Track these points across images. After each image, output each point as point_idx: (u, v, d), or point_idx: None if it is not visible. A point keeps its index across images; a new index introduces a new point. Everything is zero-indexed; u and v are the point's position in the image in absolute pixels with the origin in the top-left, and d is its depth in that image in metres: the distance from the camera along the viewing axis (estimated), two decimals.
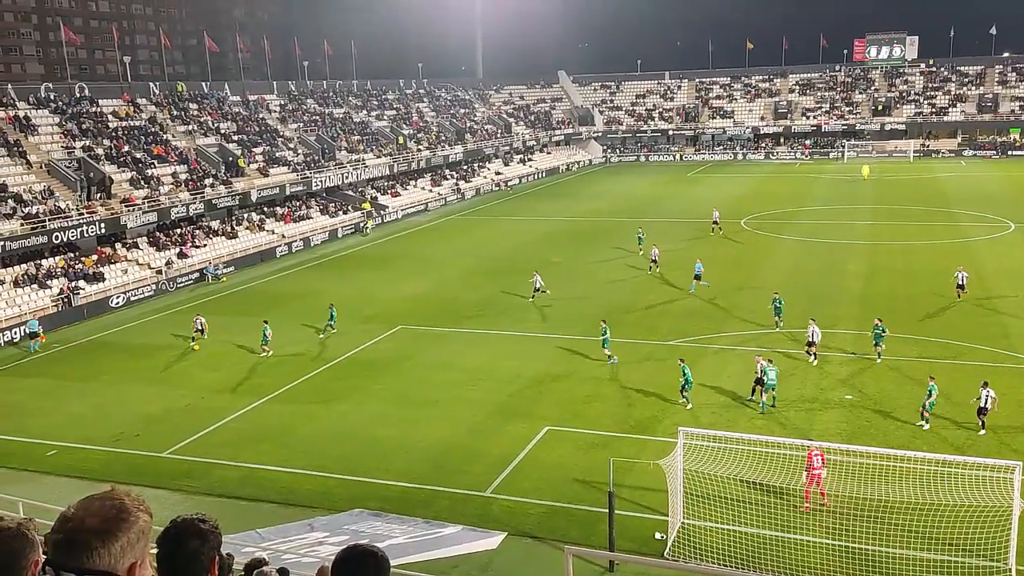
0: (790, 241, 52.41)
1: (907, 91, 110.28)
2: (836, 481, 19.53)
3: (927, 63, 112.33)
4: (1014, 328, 32.49)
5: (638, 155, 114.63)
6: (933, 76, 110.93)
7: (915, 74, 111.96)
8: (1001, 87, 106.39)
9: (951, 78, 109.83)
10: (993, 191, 70.29)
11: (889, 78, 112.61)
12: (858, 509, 18.84)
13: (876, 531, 18.12)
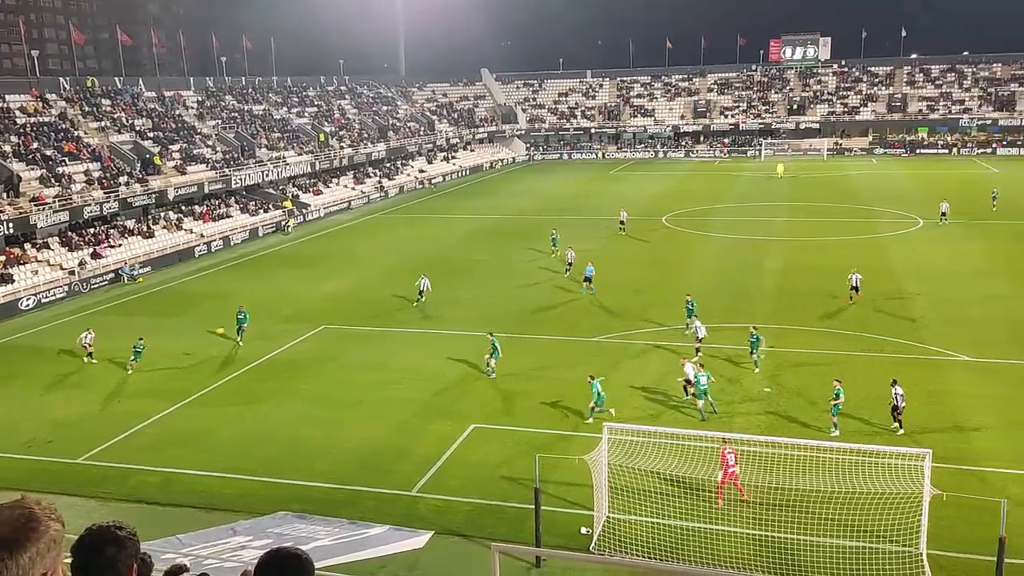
0: (709, 238, 53.49)
1: (820, 91, 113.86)
2: (756, 472, 19.96)
3: (839, 64, 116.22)
4: (923, 320, 33.80)
5: (561, 153, 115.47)
6: (845, 76, 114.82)
7: (828, 74, 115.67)
8: (910, 87, 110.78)
9: (862, 78, 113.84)
10: (903, 188, 73.10)
11: (803, 78, 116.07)
12: (776, 499, 19.28)
13: (794, 520, 18.56)
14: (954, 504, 18.06)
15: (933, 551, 17.09)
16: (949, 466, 20.44)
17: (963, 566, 16.88)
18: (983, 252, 46.31)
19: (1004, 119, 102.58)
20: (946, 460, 20.66)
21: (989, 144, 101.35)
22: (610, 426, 19.48)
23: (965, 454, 21.85)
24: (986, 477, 20.57)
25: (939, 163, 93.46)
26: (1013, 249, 46.84)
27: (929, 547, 17.08)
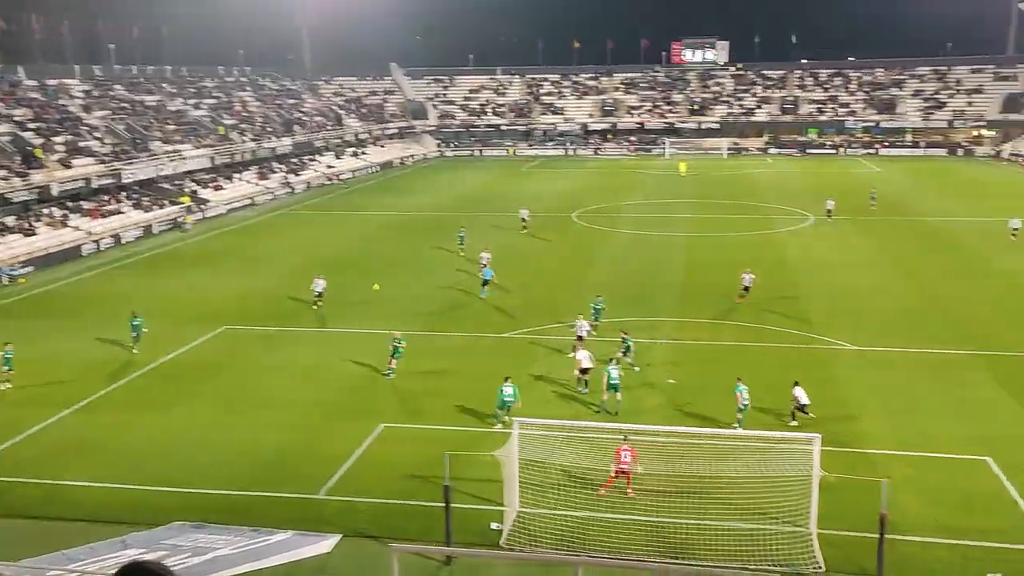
0: (618, 234, 54.60)
1: (719, 92, 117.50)
2: (658, 461, 20.60)
3: (736, 67, 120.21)
4: (814, 313, 35.41)
5: (472, 150, 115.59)
6: (742, 79, 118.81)
7: (726, 77, 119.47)
8: (800, 90, 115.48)
9: (757, 81, 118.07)
10: (795, 186, 76.22)
11: (703, 80, 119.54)
12: (678, 487, 19.99)
13: (694, 506, 19.31)
14: (841, 485, 19.11)
15: (822, 530, 18.04)
16: (837, 449, 21.55)
17: (849, 543, 17.86)
18: (866, 247, 48.82)
19: (886, 121, 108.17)
20: (834, 444, 21.75)
21: (872, 145, 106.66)
22: (521, 421, 19.77)
23: (851, 438, 23.09)
24: (870, 459, 21.81)
25: (828, 162, 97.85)
26: (893, 243, 49.52)
27: (819, 527, 18.02)
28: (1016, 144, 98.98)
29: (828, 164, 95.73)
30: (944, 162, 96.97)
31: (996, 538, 18.09)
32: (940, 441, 22.83)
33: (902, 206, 63.13)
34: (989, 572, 16.81)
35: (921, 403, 25.43)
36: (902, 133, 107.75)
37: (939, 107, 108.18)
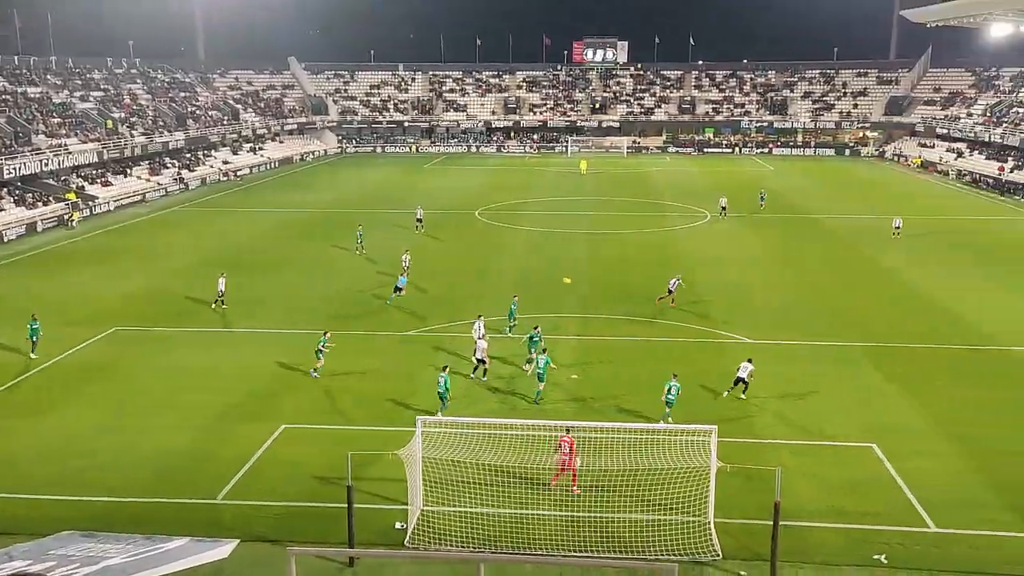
0: (521, 231, 54.90)
1: (620, 91, 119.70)
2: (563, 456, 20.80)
3: (636, 67, 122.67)
4: (713, 308, 36.43)
5: (375, 146, 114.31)
6: (641, 79, 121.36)
7: (626, 76, 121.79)
8: (697, 91, 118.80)
9: (656, 81, 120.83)
10: (693, 184, 78.35)
11: (604, 79, 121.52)
12: (581, 481, 20.22)
13: (597, 499, 19.58)
14: (737, 475, 19.71)
15: (720, 519, 18.55)
16: (733, 440, 22.23)
17: (745, 531, 18.42)
18: (760, 243, 50.60)
19: (778, 122, 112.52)
20: (731, 435, 22.46)
21: (766, 144, 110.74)
22: (423, 419, 19.61)
23: (747, 428, 23.86)
24: (764, 448, 22.57)
25: (724, 161, 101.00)
26: (785, 240, 51.51)
27: (716, 516, 18.52)
28: (898, 145, 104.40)
29: (724, 163, 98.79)
30: (832, 161, 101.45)
31: (881, 521, 18.99)
32: (830, 430, 23.82)
33: (794, 204, 65.68)
34: (875, 554, 17.64)
35: (812, 394, 26.47)
36: (793, 133, 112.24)
37: (827, 109, 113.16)
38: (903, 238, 50.60)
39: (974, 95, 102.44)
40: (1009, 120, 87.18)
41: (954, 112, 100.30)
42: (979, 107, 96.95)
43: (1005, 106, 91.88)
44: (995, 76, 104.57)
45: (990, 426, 24.19)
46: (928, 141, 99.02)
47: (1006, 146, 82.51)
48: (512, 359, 29.27)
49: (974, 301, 37.24)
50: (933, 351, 30.58)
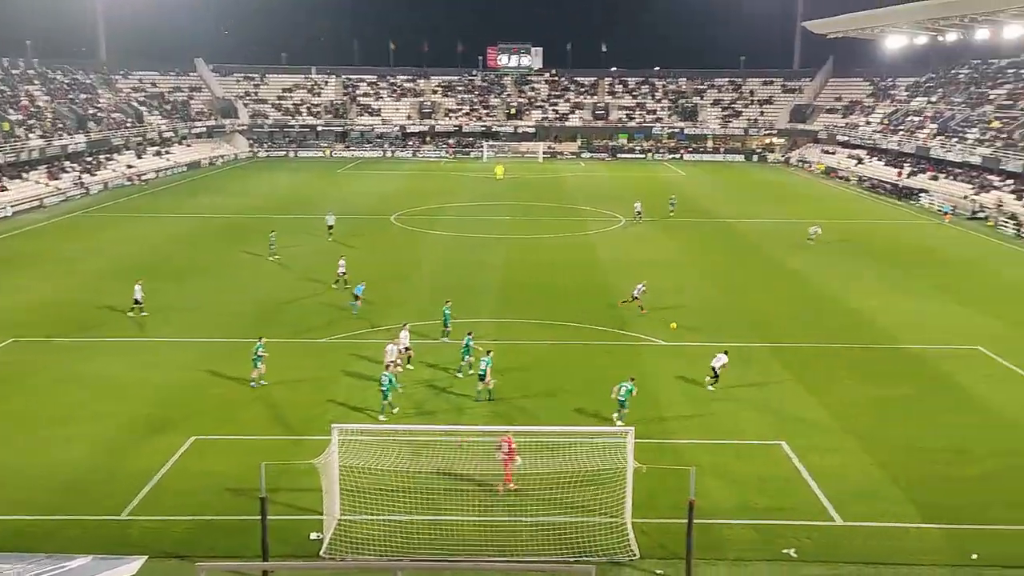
0: (437, 236, 54.68)
1: (535, 97, 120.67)
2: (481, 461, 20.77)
3: (550, 73, 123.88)
4: (626, 311, 36.98)
5: (287, 151, 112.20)
6: (555, 85, 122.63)
7: (541, 82, 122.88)
8: (611, 97, 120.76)
9: (570, 87, 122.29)
10: (607, 189, 79.52)
11: (519, 85, 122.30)
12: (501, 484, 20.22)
13: (517, 503, 19.60)
14: (653, 475, 20.01)
15: (637, 519, 18.80)
16: (649, 441, 22.58)
17: (662, 530, 18.73)
18: (672, 247, 51.68)
19: (689, 128, 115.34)
20: (647, 436, 22.80)
21: (678, 150, 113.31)
22: (339, 427, 19.27)
23: (662, 429, 24.28)
24: (679, 448, 23.02)
25: (637, 166, 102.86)
26: (696, 244, 52.76)
27: (634, 516, 18.77)
28: (803, 151, 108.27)
29: (637, 168, 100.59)
30: (741, 167, 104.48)
31: (791, 516, 19.58)
32: (740, 429, 24.46)
33: (705, 208, 67.32)
34: (784, 548, 18.17)
35: (723, 394, 27.12)
36: (704, 139, 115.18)
37: (736, 116, 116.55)
38: (817, 243, 52.05)
39: (872, 104, 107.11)
40: (905, 128, 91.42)
41: (854, 120, 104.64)
42: (877, 115, 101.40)
43: (901, 114, 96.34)
44: (891, 86, 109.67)
45: (890, 421, 25.25)
46: (830, 148, 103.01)
47: (903, 153, 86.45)
48: (446, 365, 29.14)
49: (875, 301, 38.85)
50: (838, 350, 31.75)
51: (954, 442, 23.76)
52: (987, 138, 76.31)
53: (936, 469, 22.07)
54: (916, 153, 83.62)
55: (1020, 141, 71.30)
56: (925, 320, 36.03)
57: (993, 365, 30.34)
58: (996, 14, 73.83)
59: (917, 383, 28.52)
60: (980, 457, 22.80)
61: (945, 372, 29.53)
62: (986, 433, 24.38)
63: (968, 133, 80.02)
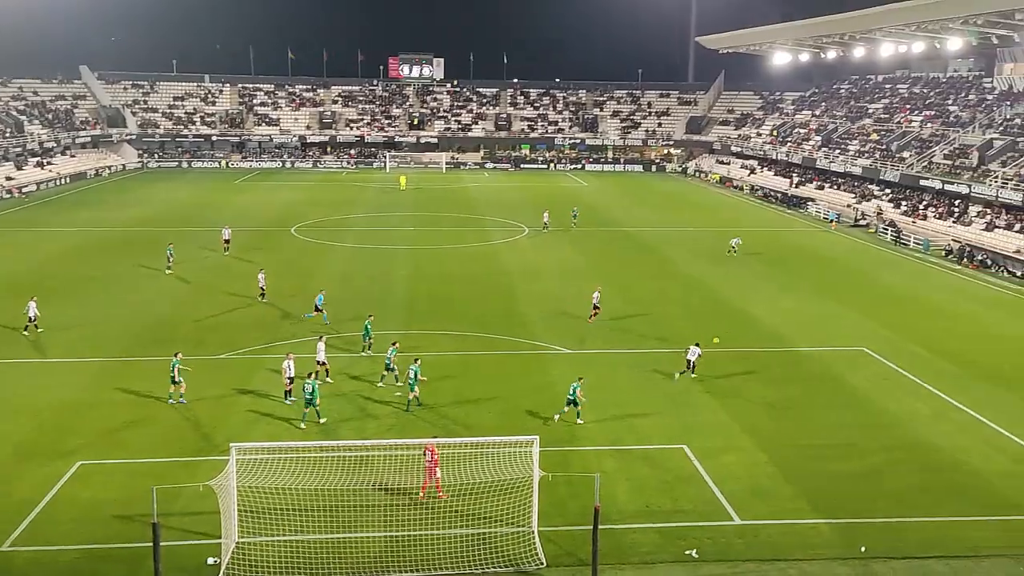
0: (341, 248, 53.83)
1: (437, 108, 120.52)
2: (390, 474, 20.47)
3: (452, 83, 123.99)
4: (530, 318, 37.24)
5: (180, 161, 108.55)
6: (458, 95, 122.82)
7: (443, 93, 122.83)
8: (513, 108, 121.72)
9: (472, 98, 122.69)
10: (510, 199, 79.99)
11: (421, 95, 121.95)
12: (409, 499, 19.97)
13: (424, 517, 19.38)
14: (559, 483, 20.15)
15: (544, 528, 18.87)
16: (554, 449, 22.75)
17: (568, 537, 18.84)
18: (576, 256, 52.33)
19: (590, 139, 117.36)
20: (552, 444, 22.97)
21: (579, 160, 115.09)
22: (237, 446, 18.66)
23: (567, 437, 24.46)
24: (585, 455, 23.24)
25: (540, 177, 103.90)
26: (599, 252, 53.59)
27: (540, 524, 18.83)
28: (699, 162, 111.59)
29: (540, 178, 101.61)
30: (641, 177, 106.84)
31: (692, 517, 20.01)
32: (644, 433, 24.89)
33: (607, 217, 68.49)
34: (687, 549, 18.55)
35: (627, 400, 27.56)
36: (604, 150, 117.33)
37: (634, 127, 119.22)
38: (715, 251, 53.66)
39: (762, 116, 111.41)
40: (792, 140, 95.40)
41: (745, 132, 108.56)
42: (767, 127, 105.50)
43: (788, 127, 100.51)
44: (779, 100, 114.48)
45: (783, 421, 26.18)
46: (725, 158, 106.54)
47: (791, 163, 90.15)
48: (368, 376, 28.68)
49: (768, 306, 40.28)
50: (735, 354, 32.72)
51: (842, 439, 24.82)
52: (867, 149, 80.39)
53: (826, 466, 22.98)
54: (803, 164, 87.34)
55: (897, 152, 75.40)
56: (814, 323, 37.57)
57: (877, 365, 31.86)
58: (871, 33, 78.04)
59: (807, 384, 29.66)
60: (866, 453, 23.87)
61: (833, 372, 30.83)
62: (871, 430, 25.55)
63: (850, 145, 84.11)
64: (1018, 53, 75.87)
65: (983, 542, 19.13)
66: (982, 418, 26.54)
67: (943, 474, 22.63)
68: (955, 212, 62.14)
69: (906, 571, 17.98)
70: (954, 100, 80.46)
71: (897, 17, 70.41)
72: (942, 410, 27.36)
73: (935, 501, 21.06)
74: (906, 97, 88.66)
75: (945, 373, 30.94)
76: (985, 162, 63.96)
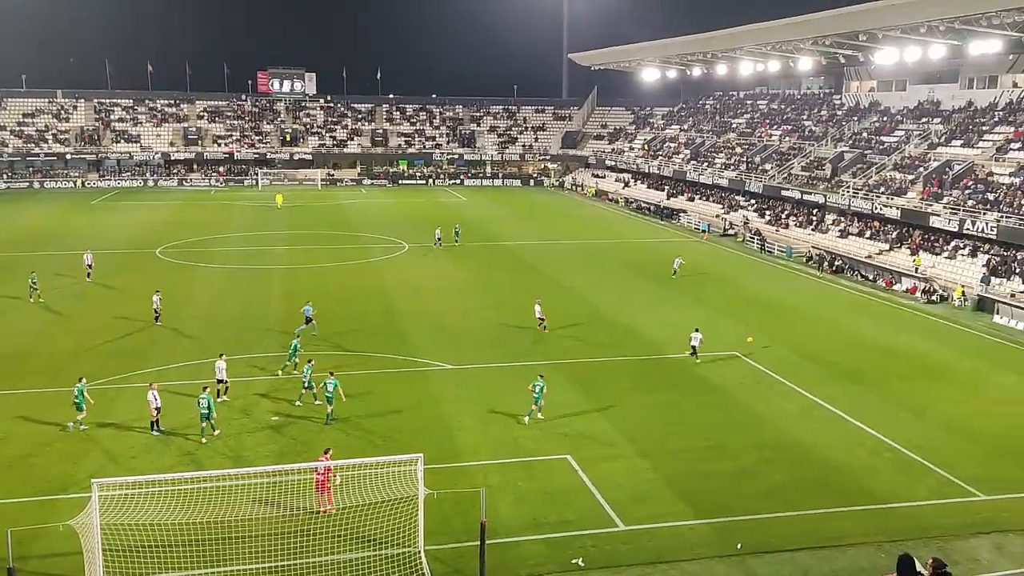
0: (210, 269, 51.86)
1: (310, 123, 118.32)
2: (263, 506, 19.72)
3: (326, 99, 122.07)
4: (411, 335, 36.89)
5: (31, 181, 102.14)
6: (332, 111, 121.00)
7: (316, 108, 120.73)
8: (389, 124, 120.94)
9: (347, 114, 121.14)
10: (389, 216, 79.26)
11: (293, 111, 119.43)
12: (288, 527, 19.31)
13: (305, 545, 18.76)
14: (445, 500, 19.95)
15: (431, 547, 18.63)
16: (439, 466, 22.53)
17: (456, 554, 18.66)
18: (458, 272, 52.30)
19: (468, 154, 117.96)
20: (438, 461, 22.75)
21: (458, 176, 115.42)
22: (99, 482, 17.53)
23: (453, 453, 24.30)
24: (471, 471, 23.13)
25: (418, 193, 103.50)
26: (481, 268, 53.76)
27: (427, 544, 18.57)
28: (575, 175, 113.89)
29: (419, 194, 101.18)
30: (519, 191, 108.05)
31: (578, 526, 20.21)
32: (528, 446, 24.99)
33: (487, 233, 68.78)
34: (573, 559, 18.70)
35: (511, 413, 27.64)
36: (483, 165, 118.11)
37: (512, 142, 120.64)
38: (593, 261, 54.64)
39: (634, 131, 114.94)
40: (663, 153, 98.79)
41: (619, 146, 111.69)
42: (638, 142, 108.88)
43: (659, 141, 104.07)
44: (650, 115, 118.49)
45: (661, 425, 26.90)
46: (600, 172, 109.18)
47: (663, 176, 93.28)
48: (281, 395, 27.68)
49: (645, 315, 41.41)
50: (615, 363, 33.41)
51: (717, 440, 25.70)
52: (732, 162, 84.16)
53: (703, 467, 23.73)
54: (674, 176, 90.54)
55: (759, 165, 79.28)
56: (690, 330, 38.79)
57: (748, 368, 33.23)
58: (732, 52, 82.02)
59: (684, 389, 30.60)
60: (739, 453, 24.80)
61: (707, 377, 31.94)
62: (744, 430, 26.58)
63: (716, 158, 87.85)
64: (863, 72, 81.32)
65: (847, 532, 20.17)
66: (844, 414, 28.08)
67: (810, 469, 23.76)
68: (813, 221, 65.78)
69: (777, 564, 18.73)
70: (808, 115, 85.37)
71: (754, 37, 74.34)
72: (808, 408, 28.78)
73: (803, 495, 22.07)
74: (766, 112, 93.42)
75: (810, 373, 32.59)
76: (838, 173, 68.09)
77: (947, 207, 53.57)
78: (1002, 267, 46.72)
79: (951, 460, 24.37)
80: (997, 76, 66.20)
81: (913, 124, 69.27)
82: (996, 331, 40.77)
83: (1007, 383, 32.28)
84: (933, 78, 71.73)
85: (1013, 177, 53.24)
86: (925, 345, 37.55)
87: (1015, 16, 47.46)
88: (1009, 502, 21.88)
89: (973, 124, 63.16)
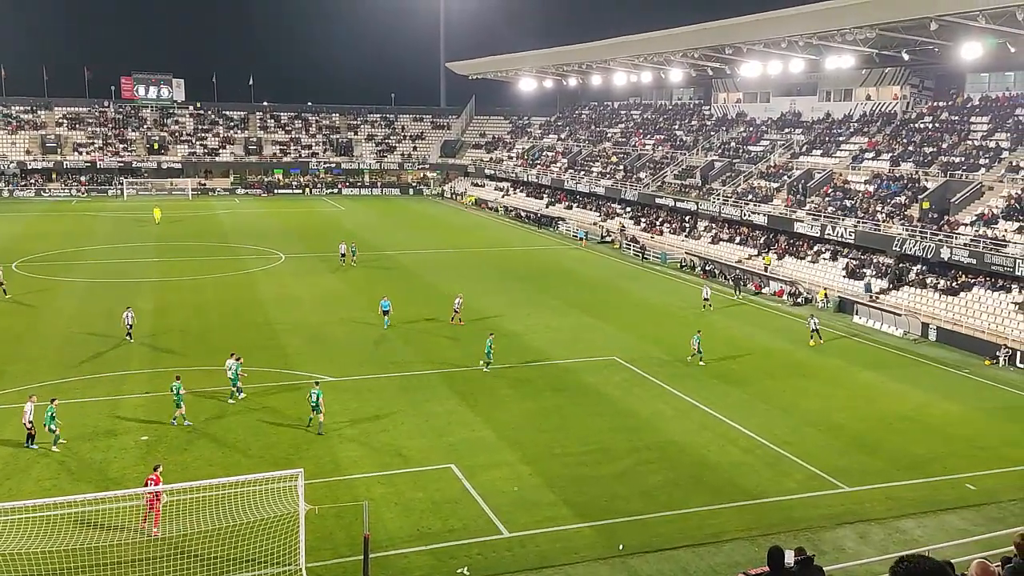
0: (73, 283, 49.02)
1: (179, 131, 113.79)
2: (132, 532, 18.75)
3: (195, 106, 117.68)
4: (290, 348, 35.98)
5: None
6: (202, 119, 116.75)
7: (186, 116, 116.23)
8: (263, 132, 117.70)
9: (219, 121, 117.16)
10: (265, 226, 77.09)
11: (161, 118, 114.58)
12: (162, 551, 18.42)
13: (181, 569, 17.94)
14: (327, 515, 19.51)
15: (312, 563, 18.16)
16: (320, 480, 22.03)
17: (339, 570, 18.26)
18: (338, 282, 51.42)
19: (345, 163, 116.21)
20: (318, 475, 22.25)
21: (335, 185, 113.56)
22: None
23: (333, 467, 23.80)
24: (353, 484, 22.72)
25: (295, 202, 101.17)
26: (363, 279, 53.00)
27: (309, 560, 18.09)
28: (455, 184, 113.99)
29: (296, 204, 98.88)
30: (398, 200, 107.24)
31: (463, 535, 20.16)
32: (412, 456, 24.77)
33: (367, 242, 67.80)
34: (458, 568, 18.64)
35: (393, 424, 27.34)
36: (361, 174, 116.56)
37: (390, 151, 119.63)
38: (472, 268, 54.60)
39: (512, 140, 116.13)
40: (541, 162, 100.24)
41: (497, 155, 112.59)
42: (517, 151, 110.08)
43: (537, 150, 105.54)
44: (528, 124, 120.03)
45: (544, 431, 27.19)
46: (479, 180, 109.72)
47: (541, 185, 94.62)
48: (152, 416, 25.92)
49: (528, 322, 41.82)
50: (498, 371, 33.56)
51: (597, 444, 26.20)
52: (608, 171, 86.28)
53: (585, 471, 24.14)
54: (552, 185, 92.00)
55: (634, 173, 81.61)
56: (569, 336, 39.51)
57: (627, 372, 34.07)
58: (606, 63, 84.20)
59: (565, 394, 31.06)
60: (619, 455, 25.36)
61: (587, 382, 32.54)
62: (623, 433, 27.20)
63: (593, 167, 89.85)
64: (730, 84, 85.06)
65: (723, 528, 20.94)
66: (717, 414, 29.18)
67: (686, 468, 24.55)
68: (686, 227, 68.21)
69: (659, 563, 19.23)
70: (680, 125, 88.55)
71: (626, 49, 76.61)
72: (684, 410, 29.75)
73: (681, 494, 22.77)
74: (639, 122, 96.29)
75: (684, 375, 33.70)
76: (708, 181, 70.89)
77: (810, 213, 56.65)
78: (859, 270, 49.77)
79: (817, 454, 25.70)
80: (852, 89, 70.59)
81: (777, 134, 72.98)
82: (855, 330, 43.35)
83: (866, 379, 34.35)
84: (794, 90, 75.81)
85: (867, 185, 56.85)
86: (792, 345, 39.52)
87: (867, 33, 50.74)
88: (871, 492, 23.24)
89: (831, 135, 67.10)
